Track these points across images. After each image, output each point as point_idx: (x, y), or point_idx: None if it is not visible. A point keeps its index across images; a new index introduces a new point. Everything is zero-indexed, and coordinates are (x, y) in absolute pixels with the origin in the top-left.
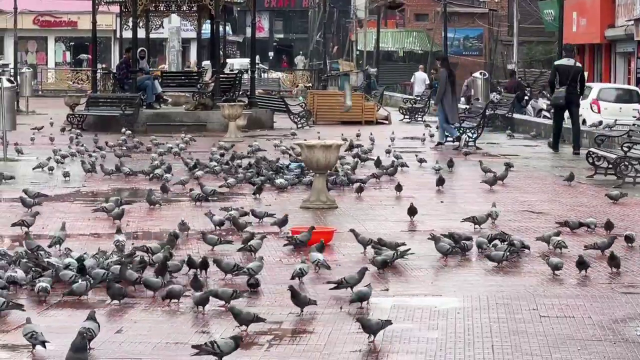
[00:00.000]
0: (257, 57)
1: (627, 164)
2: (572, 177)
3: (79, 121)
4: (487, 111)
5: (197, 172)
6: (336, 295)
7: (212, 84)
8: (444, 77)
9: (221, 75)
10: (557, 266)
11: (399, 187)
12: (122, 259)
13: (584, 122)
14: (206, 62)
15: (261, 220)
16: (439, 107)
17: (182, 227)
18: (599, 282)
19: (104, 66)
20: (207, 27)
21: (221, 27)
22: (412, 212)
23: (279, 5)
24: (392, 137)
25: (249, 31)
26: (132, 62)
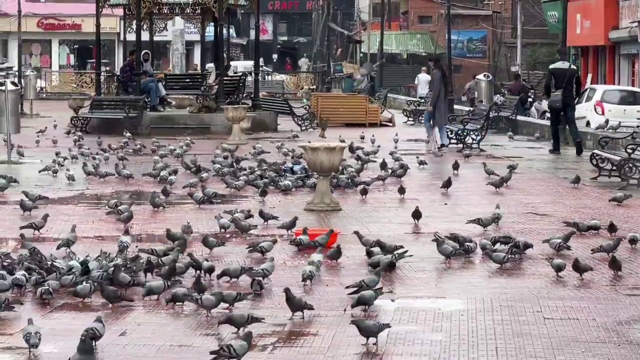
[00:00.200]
0: (261, 60)
1: (631, 165)
2: (578, 180)
3: (82, 124)
4: (490, 113)
5: (204, 174)
6: (340, 297)
7: (216, 87)
8: (437, 79)
9: (225, 77)
10: (559, 267)
11: (401, 190)
12: (127, 262)
13: (588, 124)
14: (210, 65)
15: (267, 222)
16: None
17: (186, 230)
18: (603, 284)
19: (108, 69)
20: (210, 30)
21: (225, 30)
22: (417, 215)
23: (283, 7)
24: (396, 139)
25: (252, 34)
26: (135, 65)
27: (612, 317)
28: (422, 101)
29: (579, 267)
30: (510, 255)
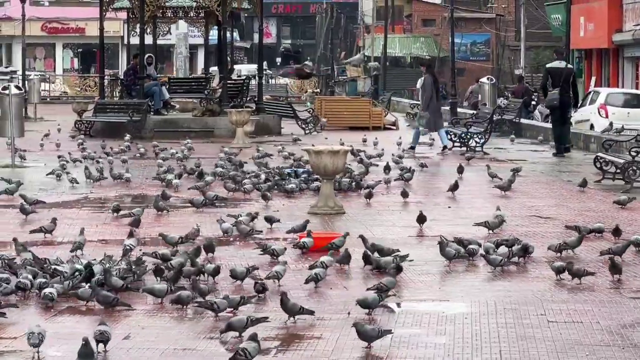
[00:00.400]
0: (265, 63)
1: (635, 168)
2: (585, 183)
3: (86, 127)
4: (494, 116)
5: (208, 178)
6: (344, 300)
7: (220, 90)
8: (429, 83)
9: (229, 81)
10: (559, 270)
11: (404, 194)
12: (131, 265)
13: (592, 126)
14: (213, 68)
15: (271, 225)
16: (426, 113)
17: (194, 234)
18: (607, 287)
19: (112, 72)
20: (214, 33)
21: (228, 33)
22: (421, 220)
23: (287, 11)
24: (399, 142)
25: (256, 37)
26: (139, 69)
27: (616, 320)
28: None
29: (572, 271)
30: (511, 257)
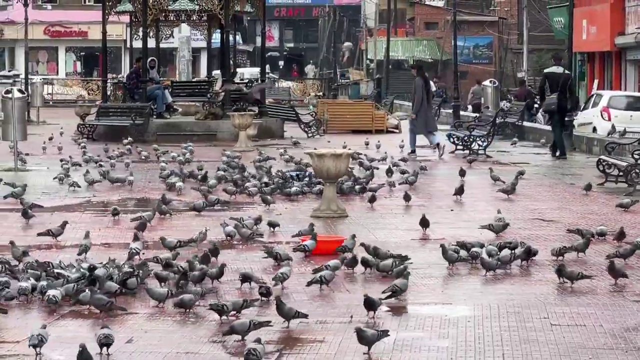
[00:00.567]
0: (267, 67)
1: (637, 171)
2: (589, 187)
3: (89, 131)
4: (497, 119)
5: (212, 181)
6: (346, 304)
7: (222, 94)
8: (420, 86)
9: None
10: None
11: (407, 197)
12: (134, 269)
13: (595, 129)
14: (216, 72)
15: (273, 229)
16: (418, 116)
17: (201, 237)
18: (610, 290)
19: (114, 76)
20: (217, 37)
21: (231, 37)
22: (424, 224)
23: (289, 14)
24: (402, 145)
25: (259, 40)
26: (142, 72)
27: (620, 323)
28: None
29: (564, 273)
30: (512, 260)
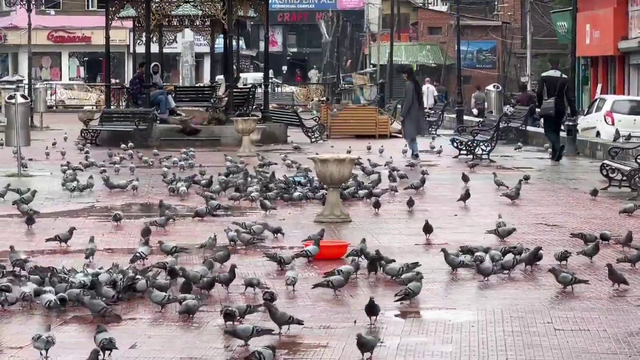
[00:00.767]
0: (271, 72)
1: None
2: (596, 192)
3: (92, 136)
4: (500, 124)
5: (215, 187)
6: (350, 309)
7: (226, 99)
8: (410, 90)
9: (234, 89)
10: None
11: (410, 202)
12: (137, 273)
13: (598, 134)
14: (219, 77)
15: (276, 235)
16: (407, 120)
17: (211, 243)
18: (613, 295)
19: (117, 81)
20: (220, 42)
21: (234, 42)
22: (428, 229)
23: (292, 19)
24: (405, 150)
25: (262, 45)
26: (145, 77)
27: (623, 328)
28: (432, 112)
29: (556, 275)
30: (515, 265)
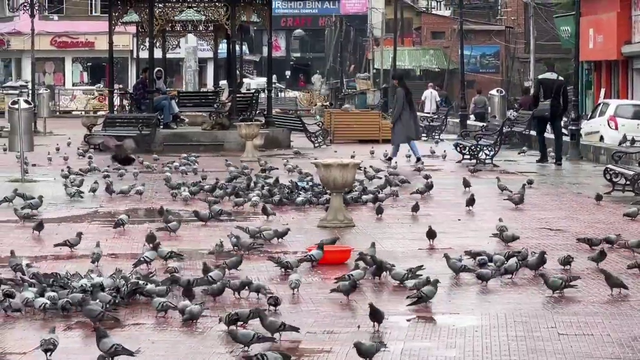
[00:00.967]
0: (274, 77)
1: None
2: (600, 197)
3: (96, 145)
4: (504, 128)
5: (218, 192)
6: (354, 313)
7: (229, 104)
8: (401, 96)
9: (238, 94)
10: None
11: (415, 208)
12: (139, 278)
13: (602, 138)
14: (223, 82)
15: (279, 239)
16: (396, 126)
17: (218, 249)
18: (617, 299)
19: (121, 86)
20: (223, 47)
21: (238, 47)
22: (431, 235)
23: (296, 24)
24: (408, 155)
25: (265, 50)
26: (148, 83)
27: (627, 332)
28: (436, 117)
29: (547, 283)
30: (518, 269)
